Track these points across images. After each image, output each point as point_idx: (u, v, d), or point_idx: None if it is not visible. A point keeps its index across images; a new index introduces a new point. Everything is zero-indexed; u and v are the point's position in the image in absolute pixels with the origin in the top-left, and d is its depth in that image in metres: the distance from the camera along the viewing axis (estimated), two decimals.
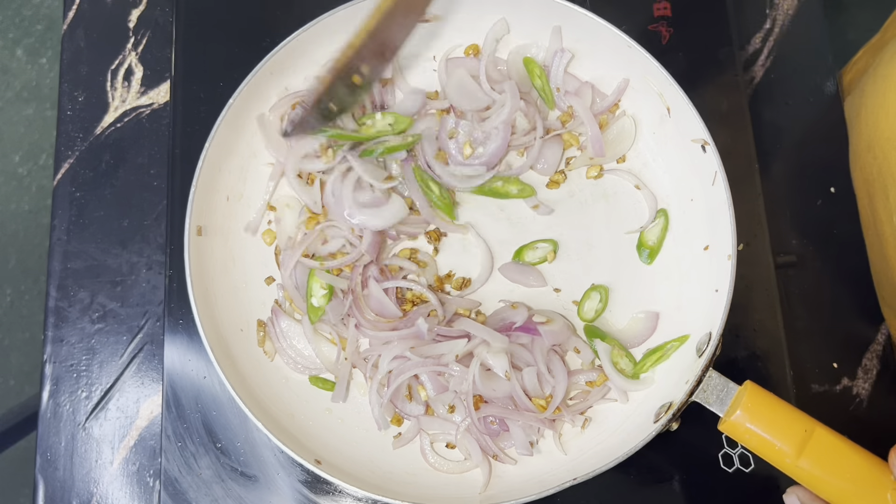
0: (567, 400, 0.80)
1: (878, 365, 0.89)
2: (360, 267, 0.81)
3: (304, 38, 0.81)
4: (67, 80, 0.95)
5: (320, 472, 0.72)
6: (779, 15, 1.00)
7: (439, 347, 0.78)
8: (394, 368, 0.78)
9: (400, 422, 0.80)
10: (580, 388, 0.81)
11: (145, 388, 0.86)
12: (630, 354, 0.81)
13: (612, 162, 0.87)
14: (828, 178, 0.94)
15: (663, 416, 0.72)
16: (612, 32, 0.81)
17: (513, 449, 0.79)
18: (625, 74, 0.84)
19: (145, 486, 0.84)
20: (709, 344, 0.73)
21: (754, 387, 0.68)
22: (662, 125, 0.84)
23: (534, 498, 0.71)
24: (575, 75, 0.88)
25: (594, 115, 0.85)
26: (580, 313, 0.83)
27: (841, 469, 0.64)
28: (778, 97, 0.97)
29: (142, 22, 0.97)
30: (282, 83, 0.84)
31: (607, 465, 0.70)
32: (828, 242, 0.92)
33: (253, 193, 0.85)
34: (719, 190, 0.77)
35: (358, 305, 0.80)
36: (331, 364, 0.81)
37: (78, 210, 0.91)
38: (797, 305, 0.90)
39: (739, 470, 0.82)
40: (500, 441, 0.78)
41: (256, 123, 0.84)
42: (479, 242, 0.84)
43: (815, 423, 0.66)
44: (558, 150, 0.86)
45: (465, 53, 0.89)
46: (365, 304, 0.80)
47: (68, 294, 0.88)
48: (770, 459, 0.67)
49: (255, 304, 0.83)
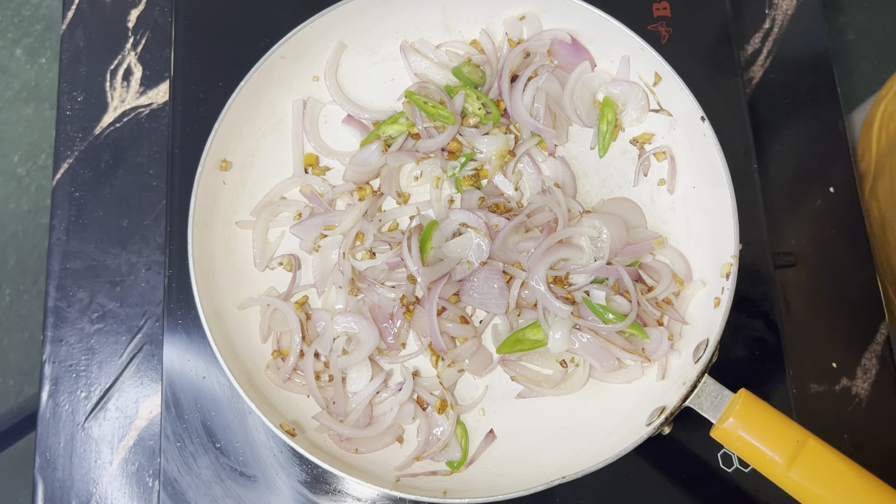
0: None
1: (878, 365, 0.89)
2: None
3: (318, 25, 0.82)
4: (66, 80, 0.95)
5: (295, 444, 0.72)
6: (778, 15, 1.00)
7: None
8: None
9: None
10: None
11: (144, 388, 0.86)
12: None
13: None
14: (827, 178, 0.94)
15: (656, 420, 0.72)
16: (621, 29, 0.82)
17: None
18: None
19: (144, 486, 0.84)
20: (706, 350, 0.73)
21: (749, 395, 0.68)
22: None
23: (523, 494, 0.70)
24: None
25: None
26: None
27: (831, 482, 0.64)
28: (777, 97, 0.97)
29: (141, 22, 0.97)
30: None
31: (596, 465, 0.70)
32: (827, 242, 0.92)
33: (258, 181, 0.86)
34: (723, 193, 0.77)
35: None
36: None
37: (77, 210, 0.91)
38: (796, 306, 0.90)
39: (739, 470, 0.82)
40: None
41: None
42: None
43: (808, 434, 0.66)
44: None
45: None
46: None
47: (67, 294, 0.88)
48: (761, 469, 0.67)
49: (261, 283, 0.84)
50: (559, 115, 0.87)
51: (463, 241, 0.82)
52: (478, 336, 0.82)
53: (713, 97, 0.91)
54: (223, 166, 0.81)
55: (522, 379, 0.81)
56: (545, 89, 0.86)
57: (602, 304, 0.79)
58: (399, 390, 0.80)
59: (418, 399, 0.81)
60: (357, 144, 0.88)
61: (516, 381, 0.82)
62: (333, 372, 0.80)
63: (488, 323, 0.83)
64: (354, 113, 0.88)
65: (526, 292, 0.82)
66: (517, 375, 0.82)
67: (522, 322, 0.82)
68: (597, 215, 0.82)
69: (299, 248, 0.84)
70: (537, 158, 0.87)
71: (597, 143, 0.87)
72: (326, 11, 0.82)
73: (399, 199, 0.87)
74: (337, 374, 0.80)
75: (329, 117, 0.89)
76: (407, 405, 0.80)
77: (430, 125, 0.86)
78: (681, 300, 0.81)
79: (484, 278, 0.80)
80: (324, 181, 0.86)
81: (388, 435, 0.79)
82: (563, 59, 0.87)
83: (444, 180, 0.86)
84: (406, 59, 0.89)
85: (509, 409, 0.82)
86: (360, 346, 0.81)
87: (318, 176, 0.86)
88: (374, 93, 0.90)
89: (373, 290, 0.81)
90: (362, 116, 0.88)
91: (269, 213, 0.85)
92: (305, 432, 0.77)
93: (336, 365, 0.80)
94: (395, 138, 0.86)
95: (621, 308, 0.79)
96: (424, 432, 0.79)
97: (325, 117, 0.89)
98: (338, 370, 0.80)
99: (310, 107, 0.87)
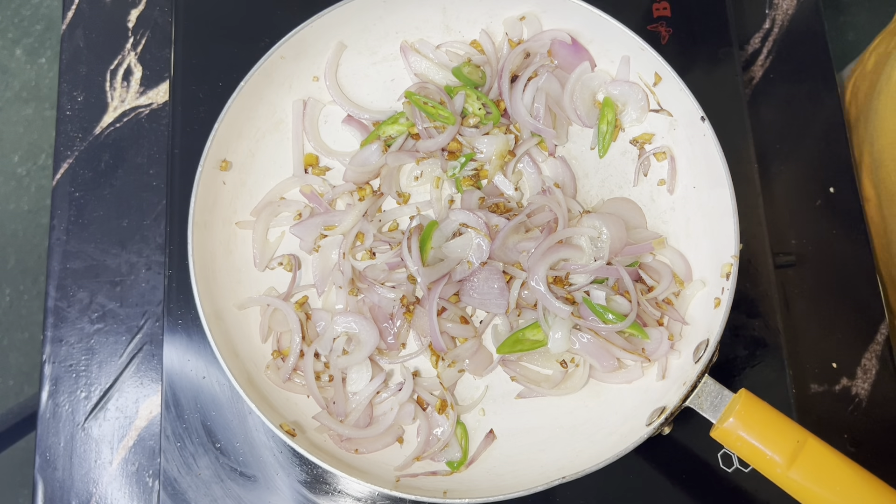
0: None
1: (878, 365, 0.89)
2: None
3: (318, 25, 0.82)
4: (66, 80, 0.95)
5: (295, 444, 0.72)
6: (778, 15, 1.00)
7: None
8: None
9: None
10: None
11: (144, 388, 0.86)
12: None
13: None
14: (827, 178, 0.94)
15: (656, 420, 0.72)
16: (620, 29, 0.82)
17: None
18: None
19: (144, 486, 0.84)
20: (706, 350, 0.73)
21: (749, 395, 0.68)
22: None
23: (523, 494, 0.71)
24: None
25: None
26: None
27: (831, 482, 0.64)
28: (778, 97, 0.97)
29: (141, 22, 0.97)
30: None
31: (596, 465, 0.70)
32: (827, 242, 0.92)
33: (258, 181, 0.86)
34: (723, 193, 0.77)
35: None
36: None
37: (77, 210, 0.91)
38: (796, 305, 0.90)
39: (739, 470, 0.82)
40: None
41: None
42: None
43: (808, 434, 0.66)
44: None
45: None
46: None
47: (67, 294, 0.88)
48: (761, 469, 0.67)
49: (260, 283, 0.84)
50: (559, 115, 0.87)
51: (463, 241, 0.82)
52: (478, 336, 0.82)
53: (713, 97, 0.91)
54: (223, 166, 0.81)
55: (522, 379, 0.81)
56: (545, 89, 0.86)
57: (602, 304, 0.79)
58: (399, 390, 0.80)
59: (418, 399, 0.81)
60: (357, 144, 0.88)
61: (516, 381, 0.82)
62: (333, 372, 0.80)
63: (488, 323, 0.83)
64: (354, 113, 0.88)
65: (526, 292, 0.82)
66: (517, 375, 0.82)
67: (522, 322, 0.82)
68: (597, 215, 0.82)
69: (299, 248, 0.84)
70: (537, 158, 0.87)
71: (597, 143, 0.87)
72: (326, 11, 0.82)
73: (399, 199, 0.87)
74: (337, 374, 0.80)
75: (329, 117, 0.89)
76: (407, 405, 0.80)
77: (430, 125, 0.86)
78: (681, 300, 0.81)
79: (484, 278, 0.80)
80: (324, 181, 0.86)
81: (388, 435, 0.79)
82: (563, 59, 0.87)
83: (444, 180, 0.86)
84: (406, 60, 0.89)
85: (509, 409, 0.82)
86: (360, 346, 0.80)
87: (318, 176, 0.86)
88: (374, 93, 0.90)
89: (373, 290, 0.81)
90: (362, 116, 0.88)
91: (269, 213, 0.85)
92: (305, 432, 0.77)
93: (336, 365, 0.80)
94: (395, 138, 0.86)
95: (621, 308, 0.79)
96: (424, 432, 0.79)
97: (325, 117, 0.89)
98: (338, 370, 0.80)
99: (310, 107, 0.87)
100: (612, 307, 0.79)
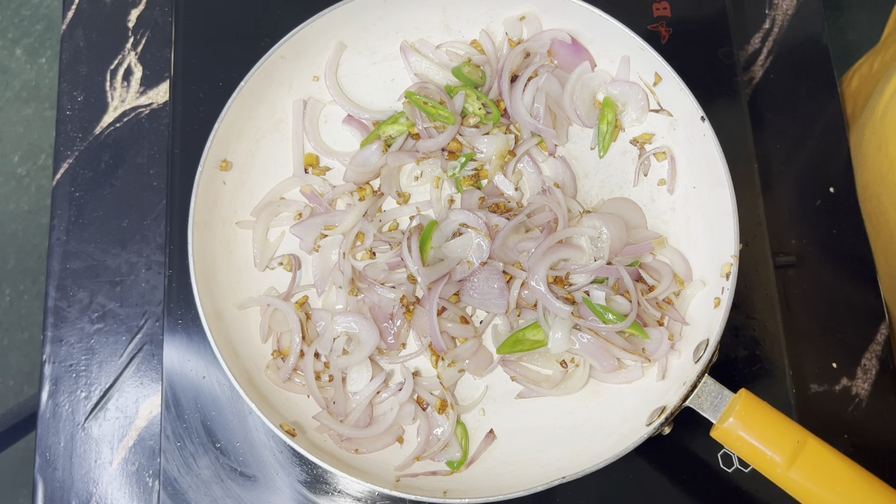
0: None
1: (878, 365, 0.89)
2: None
3: (318, 25, 0.82)
4: (67, 80, 0.95)
5: (295, 444, 0.72)
6: (778, 15, 1.00)
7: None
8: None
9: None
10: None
11: (144, 388, 0.86)
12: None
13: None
14: (827, 178, 0.94)
15: (656, 420, 0.72)
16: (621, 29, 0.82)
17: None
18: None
19: (144, 486, 0.84)
20: (706, 350, 0.73)
21: (749, 395, 0.68)
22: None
23: (523, 494, 0.71)
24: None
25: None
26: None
27: (831, 482, 0.64)
28: (777, 97, 0.97)
29: (141, 22, 0.97)
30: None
31: (596, 465, 0.70)
32: (827, 242, 0.92)
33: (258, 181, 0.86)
34: (723, 193, 0.77)
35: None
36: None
37: (77, 210, 0.91)
38: (796, 306, 0.90)
39: (739, 470, 0.82)
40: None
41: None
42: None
43: (808, 434, 0.66)
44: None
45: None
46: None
47: (67, 294, 0.88)
48: (761, 469, 0.67)
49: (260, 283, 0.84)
50: (559, 115, 0.87)
51: (463, 241, 0.82)
52: (478, 336, 0.82)
53: (713, 97, 0.91)
54: (223, 166, 0.81)
55: (522, 379, 0.81)
56: (545, 89, 0.86)
57: (602, 304, 0.79)
58: (399, 390, 0.80)
59: (418, 399, 0.81)
60: (357, 144, 0.88)
61: (516, 381, 0.82)
62: (333, 372, 0.80)
63: (488, 323, 0.83)
64: (354, 113, 0.88)
65: (526, 292, 0.82)
66: (517, 375, 0.82)
67: (522, 322, 0.82)
68: (597, 215, 0.82)
69: (299, 248, 0.84)
70: (537, 158, 0.87)
71: (597, 144, 0.87)
72: (326, 11, 0.82)
73: (399, 199, 0.87)
74: (337, 374, 0.80)
75: (329, 117, 0.89)
76: (407, 405, 0.80)
77: (430, 125, 0.86)
78: (681, 300, 0.81)
79: (484, 278, 0.80)
80: (324, 181, 0.86)
81: (388, 435, 0.79)
82: (563, 59, 0.87)
83: (444, 180, 0.86)
84: (406, 60, 0.89)
85: (509, 409, 0.82)
86: (360, 346, 0.80)
87: (318, 176, 0.86)
88: (374, 93, 0.90)
89: (373, 290, 0.81)
90: (362, 116, 0.88)
91: (269, 213, 0.85)
92: (305, 432, 0.77)
93: (336, 365, 0.80)
94: (395, 138, 0.86)
95: (621, 308, 0.79)
96: (424, 432, 0.79)
97: (325, 117, 0.89)
98: (338, 370, 0.80)
99: (310, 107, 0.87)
100: (612, 307, 0.79)
